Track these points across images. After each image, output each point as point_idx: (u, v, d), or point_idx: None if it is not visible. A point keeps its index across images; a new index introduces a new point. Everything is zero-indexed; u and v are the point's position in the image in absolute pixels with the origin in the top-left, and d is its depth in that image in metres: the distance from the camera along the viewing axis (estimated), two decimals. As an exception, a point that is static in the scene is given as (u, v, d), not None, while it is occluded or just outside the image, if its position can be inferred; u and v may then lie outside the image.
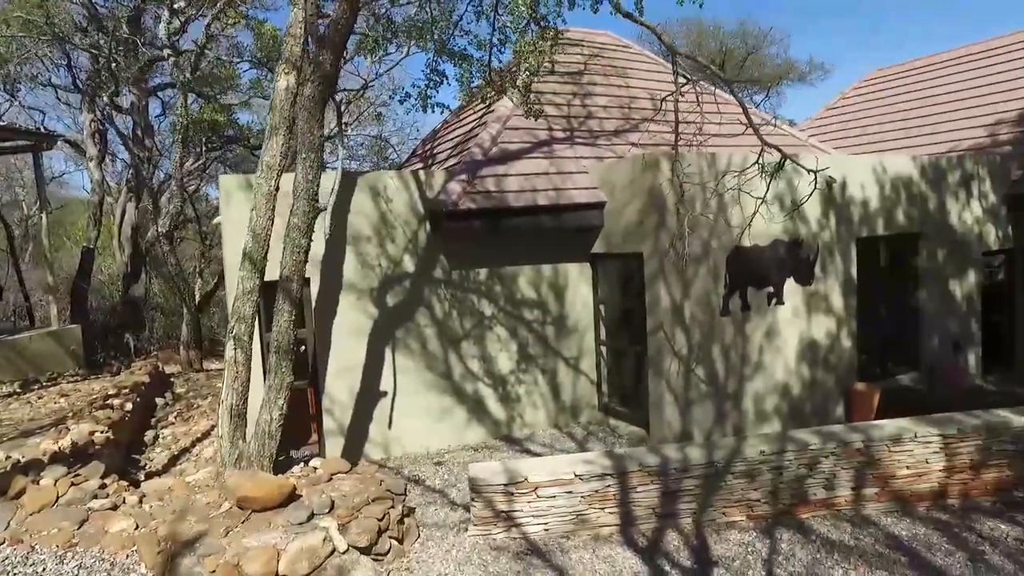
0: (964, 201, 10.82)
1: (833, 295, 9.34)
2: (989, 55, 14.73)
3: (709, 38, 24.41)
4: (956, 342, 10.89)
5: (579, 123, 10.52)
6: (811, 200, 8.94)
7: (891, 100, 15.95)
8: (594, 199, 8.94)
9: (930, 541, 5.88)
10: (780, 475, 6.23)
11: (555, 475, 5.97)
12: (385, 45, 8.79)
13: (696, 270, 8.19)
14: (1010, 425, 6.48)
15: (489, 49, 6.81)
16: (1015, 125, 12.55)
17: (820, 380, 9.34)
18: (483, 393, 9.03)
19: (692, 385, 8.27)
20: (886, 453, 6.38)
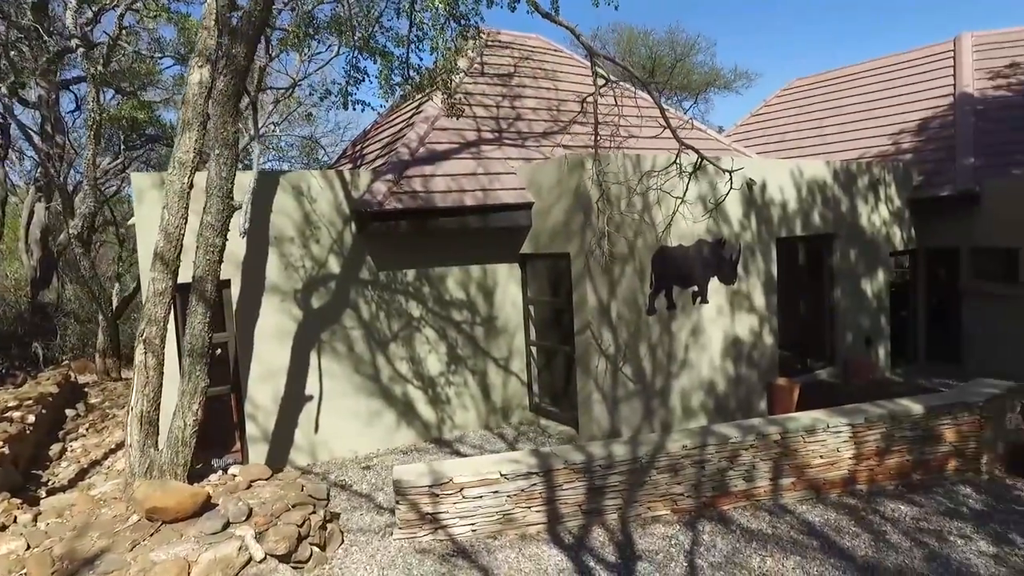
0: (873, 204, 11.41)
1: (755, 294, 9.67)
2: (894, 69, 15.62)
3: (639, 44, 25.01)
4: (868, 337, 11.45)
5: (508, 124, 10.55)
6: (733, 202, 9.28)
7: (808, 109, 16.69)
8: (522, 200, 8.97)
9: (840, 525, 6.14)
10: (703, 469, 6.37)
11: (481, 475, 5.93)
12: (308, 41, 8.58)
13: (622, 270, 8.32)
14: (910, 413, 6.84)
15: (407, 46, 6.73)
16: (916, 135, 13.34)
17: (744, 376, 9.64)
18: (412, 395, 8.91)
19: (620, 383, 8.39)
20: (802, 444, 6.62)
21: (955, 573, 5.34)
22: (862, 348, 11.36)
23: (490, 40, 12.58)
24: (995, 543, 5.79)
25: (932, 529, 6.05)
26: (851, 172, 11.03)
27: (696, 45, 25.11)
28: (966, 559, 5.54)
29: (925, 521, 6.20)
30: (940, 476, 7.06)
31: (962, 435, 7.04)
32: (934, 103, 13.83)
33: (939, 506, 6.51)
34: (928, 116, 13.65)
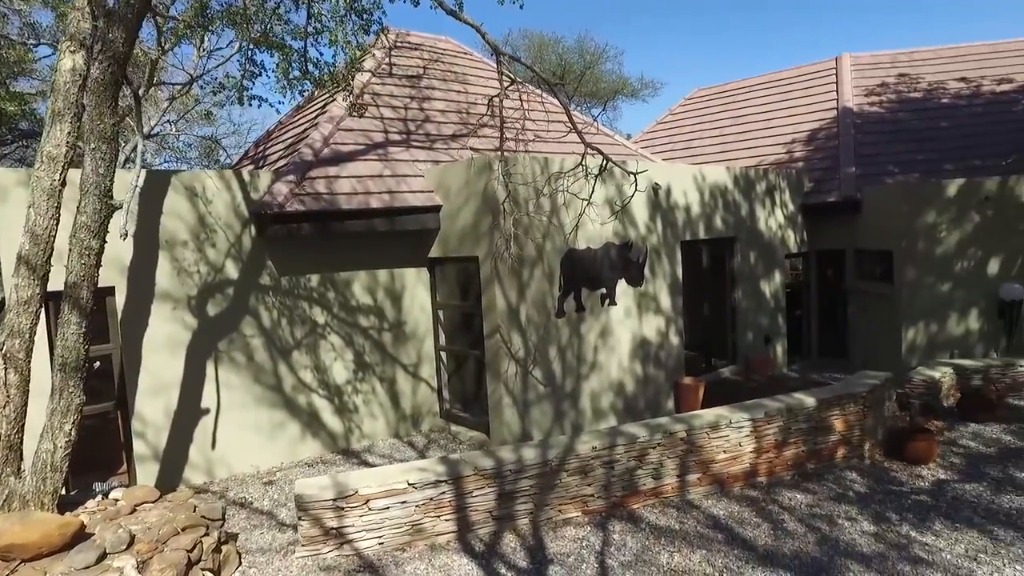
0: (770, 209, 11.98)
1: (662, 295, 9.91)
2: (786, 83, 16.56)
3: (549, 51, 25.41)
4: (767, 336, 12.00)
5: (416, 126, 10.37)
6: (639, 205, 9.48)
7: (710, 117, 17.41)
8: (430, 202, 8.81)
9: (742, 517, 6.33)
10: (612, 469, 6.42)
11: (387, 485, 5.72)
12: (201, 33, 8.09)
13: (531, 272, 8.32)
14: (804, 406, 7.17)
15: (305, 38, 6.45)
16: (806, 144, 14.17)
17: (652, 376, 9.86)
18: (318, 405, 8.55)
19: (530, 387, 8.37)
20: (706, 440, 6.80)
21: (842, 553, 5.61)
22: (762, 346, 11.89)
23: (399, 41, 12.40)
24: (875, 522, 6.14)
25: (824, 514, 6.34)
26: (750, 178, 11.55)
27: (604, 53, 25.88)
28: (852, 539, 5.84)
29: (818, 507, 6.50)
30: (831, 464, 7.44)
31: (849, 424, 7.45)
32: (821, 116, 14.74)
33: (830, 492, 6.85)
34: (816, 127, 14.52)
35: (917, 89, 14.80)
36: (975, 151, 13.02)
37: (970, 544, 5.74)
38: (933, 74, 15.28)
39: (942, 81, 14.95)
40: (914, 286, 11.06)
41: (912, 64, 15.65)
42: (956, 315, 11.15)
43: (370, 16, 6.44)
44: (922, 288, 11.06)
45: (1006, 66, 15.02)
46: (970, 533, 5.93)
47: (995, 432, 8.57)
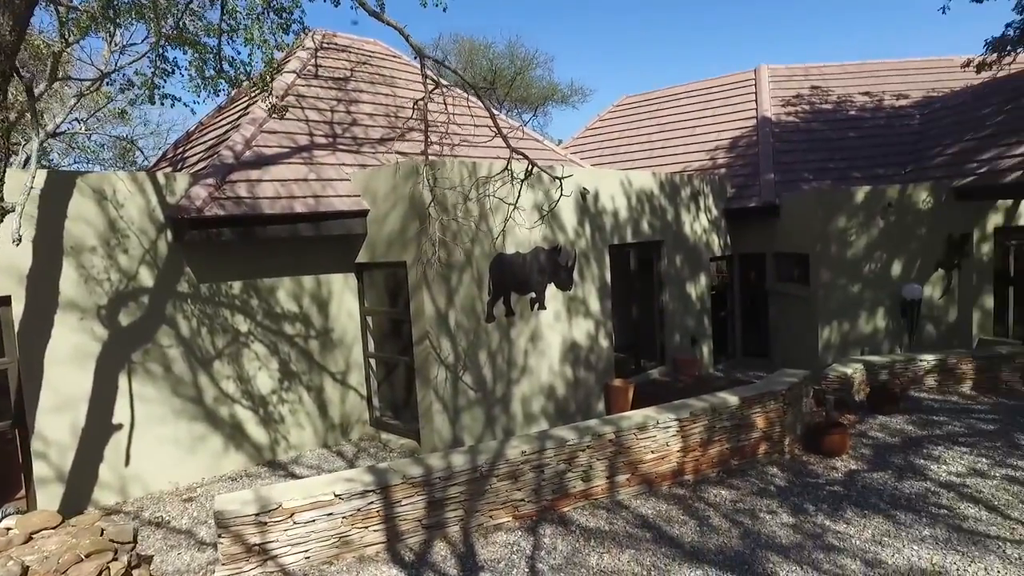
0: (695, 214, 12.35)
1: (591, 299, 10.05)
2: (710, 92, 17.14)
3: (480, 56, 25.48)
4: (693, 337, 12.35)
5: (343, 129, 10.17)
6: (568, 210, 9.58)
7: (638, 124, 17.83)
8: (356, 207, 8.65)
9: (670, 515, 6.47)
10: (542, 473, 6.44)
11: (312, 497, 5.55)
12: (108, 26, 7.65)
13: (460, 278, 8.27)
14: (728, 404, 7.41)
15: (219, 36, 6.19)
16: (728, 151, 14.69)
17: (582, 379, 9.97)
18: (241, 416, 8.23)
19: (460, 392, 8.32)
20: (634, 441, 6.92)
21: (763, 545, 5.81)
22: (688, 347, 12.22)
23: (326, 42, 12.15)
24: (793, 514, 6.40)
25: (747, 509, 6.56)
26: (675, 183, 11.87)
27: (535, 59, 26.17)
28: (772, 532, 6.06)
29: (741, 502, 6.72)
30: (754, 460, 7.70)
31: (770, 421, 7.74)
32: (742, 124, 15.33)
33: (752, 487, 7.09)
34: (738, 135, 15.09)
35: (828, 101, 15.60)
36: (879, 160, 13.82)
37: (876, 529, 6.05)
38: (842, 87, 16.15)
39: (849, 94, 15.82)
40: (828, 287, 11.62)
41: (823, 77, 16.50)
42: (866, 314, 11.78)
43: (289, 15, 6.24)
44: (835, 289, 11.63)
45: (903, 82, 16.04)
46: (876, 519, 6.26)
47: (899, 423, 9.09)
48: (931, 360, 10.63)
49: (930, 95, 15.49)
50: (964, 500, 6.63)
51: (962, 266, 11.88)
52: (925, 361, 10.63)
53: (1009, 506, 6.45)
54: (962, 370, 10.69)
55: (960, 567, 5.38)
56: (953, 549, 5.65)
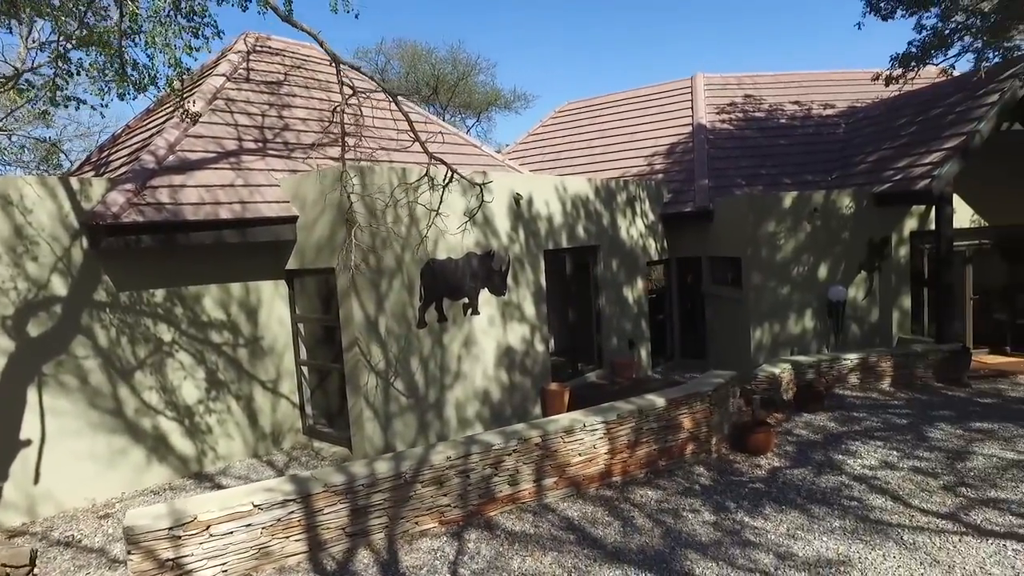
0: (631, 218, 12.57)
1: (526, 304, 10.12)
2: (648, 99, 17.49)
3: (423, 62, 25.42)
4: (631, 340, 12.55)
5: (274, 134, 10.01)
6: (502, 215, 9.65)
7: (579, 130, 18.06)
8: (286, 213, 8.52)
9: (595, 517, 6.56)
10: (468, 478, 6.44)
11: (230, 508, 5.43)
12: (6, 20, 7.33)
13: (390, 284, 8.23)
14: (655, 406, 7.56)
15: (120, 37, 6.01)
16: (665, 157, 15.02)
17: (518, 383, 10.02)
18: (165, 428, 8.00)
19: (392, 399, 8.27)
20: (561, 444, 6.99)
21: (683, 544, 5.94)
22: (626, 350, 12.42)
23: (258, 45, 11.95)
24: (715, 512, 6.57)
25: (671, 508, 6.70)
26: (611, 189, 12.06)
27: (477, 65, 26.22)
28: (693, 530, 6.20)
29: (666, 502, 6.85)
30: (681, 460, 7.87)
31: (696, 422, 7.92)
32: (678, 131, 15.70)
33: (678, 487, 7.25)
34: (674, 142, 15.44)
35: (760, 109, 16.11)
36: (807, 167, 14.33)
37: (791, 523, 6.26)
38: (773, 96, 16.71)
39: (780, 103, 16.37)
40: (759, 290, 11.98)
41: (756, 87, 17.03)
42: (795, 315, 12.18)
43: (200, 19, 6.10)
44: (766, 292, 11.99)
45: (829, 93, 16.70)
46: (792, 513, 6.47)
47: (823, 420, 9.42)
48: (854, 359, 11.06)
49: (854, 105, 16.16)
50: (873, 492, 6.91)
51: (882, 268, 12.41)
52: (848, 360, 11.05)
53: (911, 495, 6.77)
54: (882, 368, 11.15)
55: (862, 555, 5.61)
56: (858, 539, 5.89)
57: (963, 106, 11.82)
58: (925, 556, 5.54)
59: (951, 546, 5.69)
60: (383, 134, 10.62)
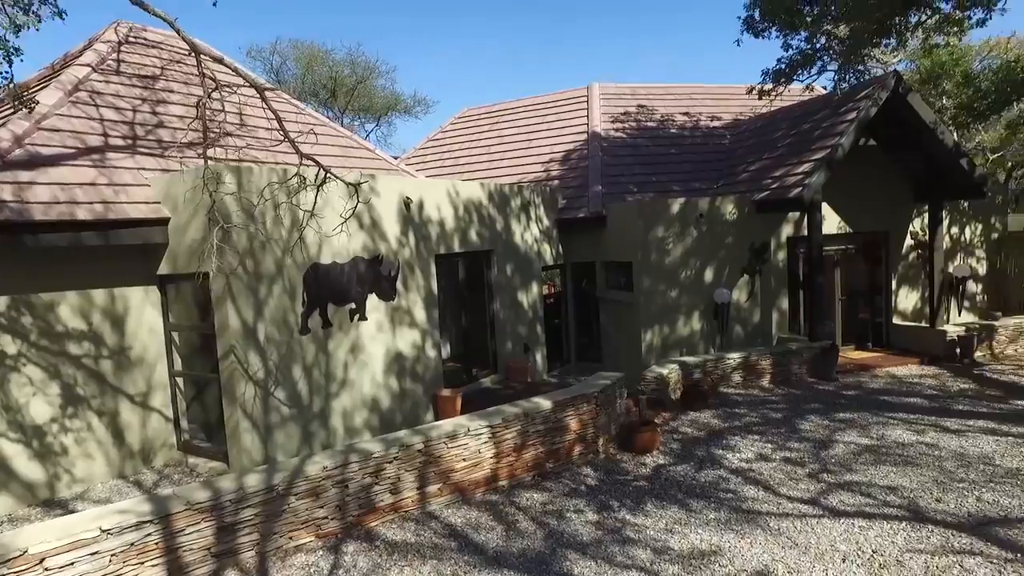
0: (526, 224, 12.65)
1: (416, 309, 9.94)
2: (546, 106, 17.77)
3: (320, 63, 24.69)
4: (526, 344, 12.61)
5: (147, 131, 9.38)
6: (391, 219, 9.47)
7: (478, 136, 18.09)
8: (156, 215, 7.97)
9: (479, 523, 6.48)
10: (346, 488, 6.21)
11: (72, 537, 4.94)
12: None
13: (270, 289, 7.87)
14: (540, 409, 7.58)
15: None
16: (561, 164, 15.28)
17: (409, 390, 9.82)
18: (8, 452, 7.23)
19: (272, 409, 7.89)
20: (445, 450, 6.87)
21: (565, 544, 5.97)
22: (522, 354, 12.46)
23: (132, 35, 11.20)
24: (599, 511, 6.65)
25: (555, 510, 6.72)
26: (505, 194, 12.09)
27: (376, 68, 25.73)
28: (575, 530, 6.24)
29: (551, 504, 6.87)
30: (569, 462, 7.93)
31: (583, 423, 8.02)
32: (574, 138, 16.01)
33: (565, 488, 7.29)
34: (570, 149, 15.73)
35: (652, 119, 16.71)
36: (696, 175, 14.97)
37: (670, 519, 6.42)
38: (664, 107, 17.38)
39: (671, 114, 17.05)
40: (649, 293, 12.35)
41: (649, 97, 17.66)
42: (683, 318, 12.64)
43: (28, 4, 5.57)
44: (655, 295, 12.38)
45: (717, 105, 17.57)
46: (672, 509, 6.65)
47: (707, 418, 9.79)
48: (736, 358, 11.59)
49: (739, 118, 17.05)
50: (748, 483, 7.22)
51: (763, 272, 13.10)
52: (731, 359, 11.56)
53: (781, 484, 7.13)
54: (762, 366, 11.75)
55: (732, 544, 5.82)
56: (730, 529, 6.11)
57: (828, 122, 12.70)
58: (787, 540, 5.81)
59: (809, 529, 6.02)
60: (268, 133, 10.18)
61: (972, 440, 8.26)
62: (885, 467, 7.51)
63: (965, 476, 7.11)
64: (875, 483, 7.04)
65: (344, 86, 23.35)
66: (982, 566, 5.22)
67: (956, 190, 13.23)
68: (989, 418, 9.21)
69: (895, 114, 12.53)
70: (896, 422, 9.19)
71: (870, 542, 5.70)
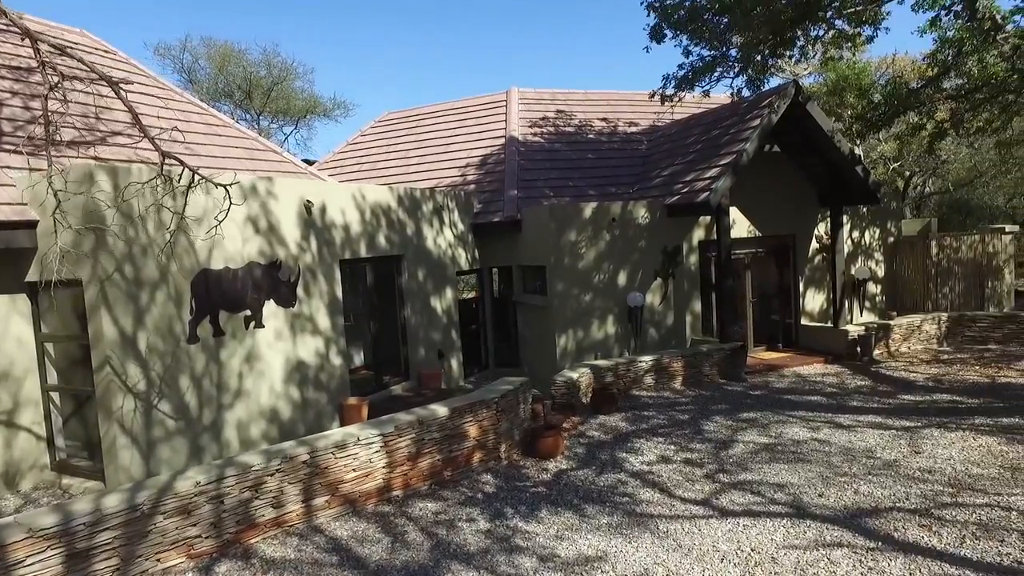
0: (439, 228, 12.49)
1: (319, 316, 9.63)
2: (465, 111, 17.67)
3: (235, 63, 23.81)
4: (440, 351, 12.42)
5: (15, 127, 8.76)
6: (291, 223, 9.17)
7: (397, 140, 17.83)
8: (21, 217, 7.43)
9: (365, 535, 6.25)
10: (222, 504, 5.88)
11: None
12: None
13: (152, 296, 7.44)
14: (436, 416, 7.42)
15: None
16: (479, 168, 15.20)
17: (312, 399, 9.49)
18: None
19: (156, 423, 7.45)
20: (333, 460, 6.62)
21: (450, 555, 5.81)
22: (435, 361, 12.27)
23: (3, 23, 10.45)
24: (492, 520, 6.52)
25: (447, 520, 6.55)
26: (416, 198, 11.90)
27: (293, 70, 24.98)
28: (464, 540, 6.09)
29: (444, 514, 6.71)
30: (468, 469, 7.79)
31: (483, 429, 7.90)
32: (492, 143, 15.96)
33: (461, 497, 7.14)
34: (488, 153, 15.67)
35: (571, 124, 16.84)
36: (613, 180, 15.14)
37: (562, 525, 6.35)
38: (583, 112, 17.55)
39: (589, 119, 17.23)
40: (563, 297, 12.37)
41: (568, 103, 17.80)
42: (597, 322, 12.72)
43: None
44: (569, 299, 12.41)
45: (634, 112, 17.86)
46: (566, 514, 6.59)
47: (616, 421, 9.83)
48: (648, 361, 11.71)
49: (656, 124, 17.37)
50: (646, 486, 7.24)
51: (676, 275, 13.34)
52: (643, 362, 11.68)
53: (678, 486, 7.18)
54: (674, 368, 11.92)
55: (619, 548, 5.79)
56: (620, 533, 6.09)
57: (735, 128, 13.05)
58: (672, 543, 5.83)
59: (696, 530, 6.05)
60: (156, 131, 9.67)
61: (860, 435, 8.56)
62: (778, 465, 7.67)
63: (848, 470, 7.33)
64: (767, 481, 7.17)
65: (260, 87, 22.62)
66: (847, 557, 5.36)
67: (854, 196, 13.81)
68: (877, 413, 9.59)
69: (797, 122, 12.99)
70: (795, 420, 9.44)
71: (751, 540, 5.78)
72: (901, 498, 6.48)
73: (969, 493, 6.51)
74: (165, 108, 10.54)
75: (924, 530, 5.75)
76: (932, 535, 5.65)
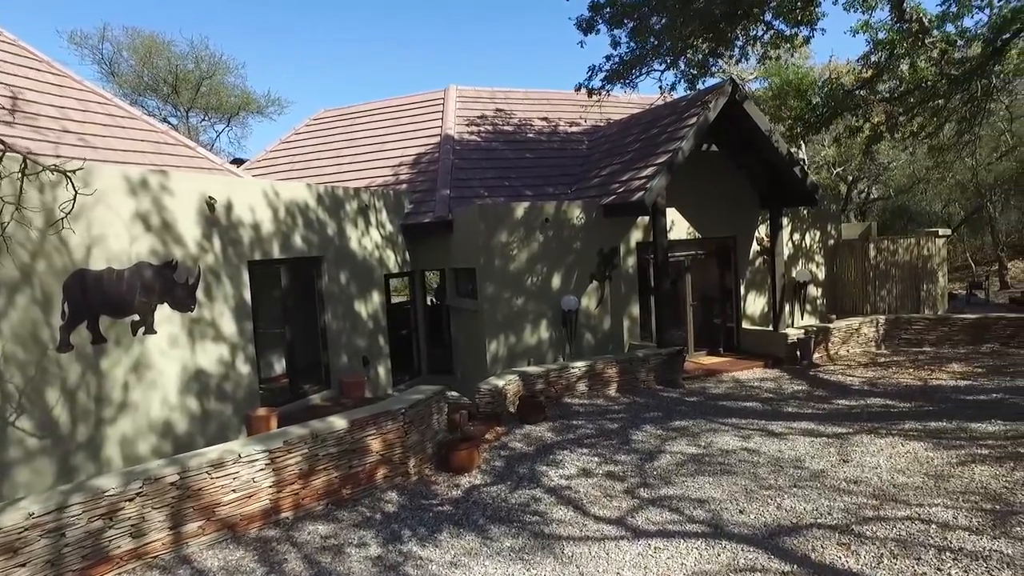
0: (364, 229, 11.85)
1: (223, 320, 8.92)
2: (402, 109, 17.09)
3: (160, 54, 22.66)
4: (365, 357, 11.78)
5: None
6: (190, 221, 8.50)
7: (332, 138, 17.12)
8: None
9: (239, 566, 5.61)
10: (64, 537, 5.18)
11: None
12: None
13: (11, 300, 6.66)
14: (333, 429, 6.81)
15: None
16: (411, 167, 14.62)
17: (214, 411, 8.78)
18: None
19: (13, 442, 6.66)
20: (208, 481, 5.96)
21: (328, 590, 5.23)
22: (360, 368, 11.61)
23: None
24: (385, 544, 5.94)
25: (335, 545, 5.95)
26: (338, 197, 11.26)
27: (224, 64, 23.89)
28: (349, 568, 5.50)
29: (334, 538, 6.10)
30: (371, 486, 7.18)
31: (388, 443, 7.30)
32: (427, 141, 15.40)
33: (358, 518, 6.54)
34: (422, 152, 15.10)
35: (510, 123, 16.38)
36: (551, 180, 14.71)
37: (461, 549, 5.80)
38: (523, 111, 17.12)
39: (529, 119, 16.80)
40: (494, 300, 11.86)
41: (507, 101, 17.35)
42: (530, 326, 12.24)
43: None
44: (500, 302, 11.90)
45: (575, 112, 17.49)
46: (468, 537, 6.04)
47: (542, 431, 9.33)
48: (582, 367, 11.26)
49: (597, 124, 17.03)
50: (560, 503, 6.74)
51: (612, 278, 12.95)
52: (576, 368, 11.22)
53: (594, 502, 6.69)
54: (608, 374, 11.50)
55: (514, 577, 5.28)
56: (520, 559, 5.57)
57: (673, 127, 12.75)
58: (575, 569, 5.33)
59: (604, 554, 5.57)
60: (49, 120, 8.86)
61: (790, 443, 8.23)
62: (703, 478, 7.26)
63: (774, 483, 6.96)
64: (688, 496, 6.74)
65: (188, 82, 21.55)
66: (758, 584, 4.95)
67: (792, 197, 13.65)
68: (811, 419, 9.30)
69: (736, 121, 12.76)
70: (727, 428, 9.08)
71: (659, 566, 5.32)
72: (824, 512, 6.11)
73: (892, 505, 6.18)
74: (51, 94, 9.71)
75: (843, 549, 5.37)
76: (850, 554, 5.27)
